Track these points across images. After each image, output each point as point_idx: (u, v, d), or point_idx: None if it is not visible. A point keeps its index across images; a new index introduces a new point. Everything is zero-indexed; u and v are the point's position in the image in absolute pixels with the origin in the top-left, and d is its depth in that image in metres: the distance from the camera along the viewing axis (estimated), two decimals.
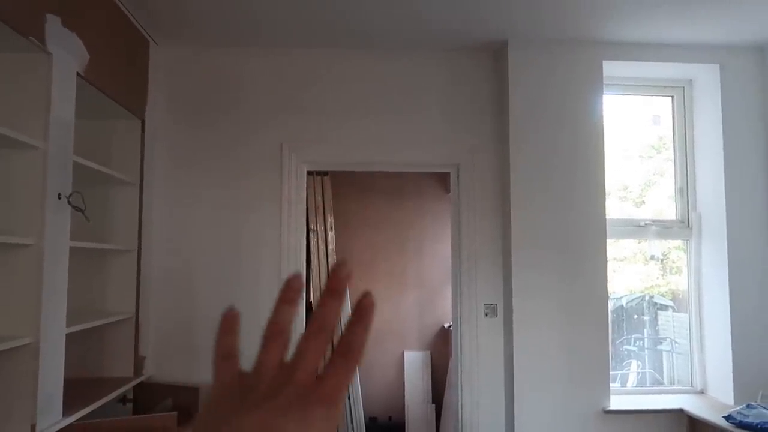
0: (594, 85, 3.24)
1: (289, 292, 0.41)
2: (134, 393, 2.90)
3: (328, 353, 0.38)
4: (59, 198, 2.12)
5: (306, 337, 0.39)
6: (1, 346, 1.84)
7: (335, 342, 0.39)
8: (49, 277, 2.05)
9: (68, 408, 2.19)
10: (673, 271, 3.88)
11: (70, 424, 2.19)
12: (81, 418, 2.27)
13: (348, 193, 5.25)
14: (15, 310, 1.99)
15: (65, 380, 2.21)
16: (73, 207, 2.21)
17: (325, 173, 3.98)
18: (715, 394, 3.30)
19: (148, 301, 3.06)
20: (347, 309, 1.03)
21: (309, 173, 3.44)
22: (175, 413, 2.46)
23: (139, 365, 2.95)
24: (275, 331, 0.40)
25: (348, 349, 0.38)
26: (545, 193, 3.18)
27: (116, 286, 2.89)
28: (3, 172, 2.03)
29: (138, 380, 2.87)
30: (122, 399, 2.80)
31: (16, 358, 1.97)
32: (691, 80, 3.53)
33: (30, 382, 1.98)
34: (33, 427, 1.98)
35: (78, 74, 2.30)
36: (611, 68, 3.31)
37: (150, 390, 2.95)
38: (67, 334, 2.22)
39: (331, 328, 0.39)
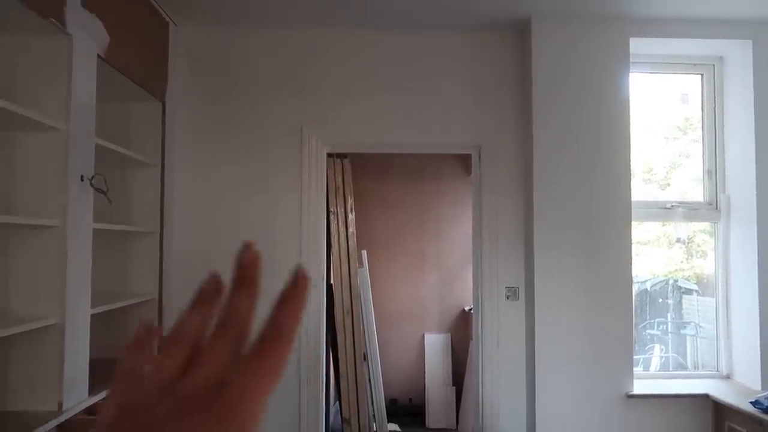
0: (620, 62, 3.15)
1: (202, 294, 0.35)
2: None
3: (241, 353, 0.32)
4: (82, 180, 2.14)
5: (213, 336, 0.32)
6: (28, 326, 1.87)
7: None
8: (73, 258, 2.07)
9: (94, 387, 2.23)
10: (699, 255, 3.81)
11: (96, 403, 2.23)
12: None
13: (367, 175, 5.23)
14: (41, 291, 2.01)
15: (91, 360, 2.24)
16: (96, 189, 2.23)
17: (345, 155, 3.95)
18: (742, 379, 3.24)
19: (171, 282, 3.08)
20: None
21: (329, 155, 3.42)
22: None
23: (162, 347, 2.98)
24: (177, 334, 0.34)
25: (265, 345, 0.31)
26: (569, 173, 3.12)
27: (139, 267, 2.91)
28: (26, 155, 2.04)
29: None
30: None
31: (43, 338, 2.00)
32: (721, 57, 3.41)
33: (56, 362, 2.01)
34: (60, 405, 2.01)
35: (98, 56, 2.30)
36: (638, 45, 3.21)
37: None
38: (91, 315, 2.25)
39: (244, 323, 0.32)
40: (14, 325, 1.81)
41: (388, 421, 4.19)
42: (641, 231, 3.76)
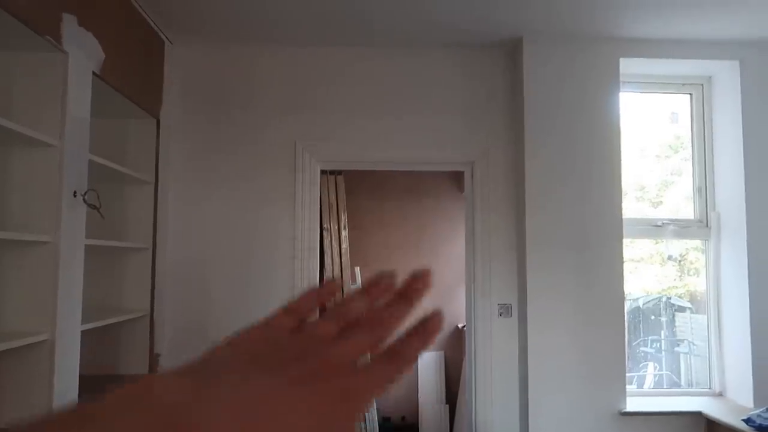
0: (611, 82, 3.20)
1: (373, 286, 0.38)
2: None
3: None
4: (75, 195, 2.14)
5: (360, 325, 0.35)
6: (18, 342, 1.86)
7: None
8: (65, 274, 2.07)
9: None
10: (691, 273, 3.82)
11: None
12: None
13: (361, 192, 5.25)
14: (31, 306, 2.01)
15: (80, 377, 2.23)
16: (89, 205, 2.23)
17: (339, 172, 3.97)
18: (734, 396, 3.24)
19: (163, 298, 3.07)
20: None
21: (323, 172, 3.44)
22: None
23: (154, 362, 2.97)
24: (339, 310, 0.36)
25: (398, 355, 0.34)
26: (561, 192, 3.15)
27: (131, 283, 2.91)
28: (20, 170, 2.05)
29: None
30: None
31: (33, 355, 1.99)
32: (710, 77, 3.47)
33: (46, 378, 2.00)
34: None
35: (94, 73, 2.32)
36: (628, 65, 3.26)
37: None
38: (82, 331, 2.24)
39: (388, 330, 0.35)
40: (5, 341, 1.80)
41: None
42: (634, 249, 3.78)
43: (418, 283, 0.38)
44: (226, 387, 0.29)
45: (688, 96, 3.54)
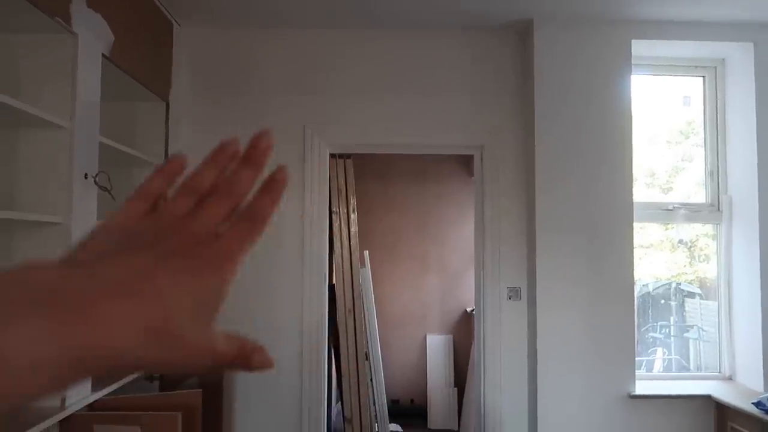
0: (622, 65, 3.16)
1: (218, 155, 0.39)
2: None
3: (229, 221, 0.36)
4: (86, 177, 2.15)
5: (212, 195, 0.36)
6: None
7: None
8: None
9: (97, 384, 2.24)
10: (701, 259, 3.80)
11: (99, 399, 2.24)
12: (109, 394, 2.31)
13: (370, 177, 5.24)
14: None
15: None
16: (100, 187, 2.24)
17: (348, 156, 3.97)
18: (744, 380, 3.23)
19: None
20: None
21: (331, 155, 3.44)
22: (200, 390, 2.50)
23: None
24: (190, 185, 0.37)
25: (252, 215, 0.36)
26: (571, 175, 3.13)
27: None
28: (31, 152, 2.06)
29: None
30: (149, 376, 2.85)
31: None
32: (723, 59, 3.42)
33: None
34: (63, 401, 2.02)
35: (103, 55, 2.32)
36: (640, 47, 3.22)
37: None
38: None
39: (240, 195, 0.37)
40: None
41: (390, 422, 4.19)
42: (644, 235, 3.76)
43: (261, 143, 0.38)
44: (98, 268, 0.30)
45: (701, 79, 3.50)
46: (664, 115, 3.73)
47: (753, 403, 2.77)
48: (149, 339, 0.29)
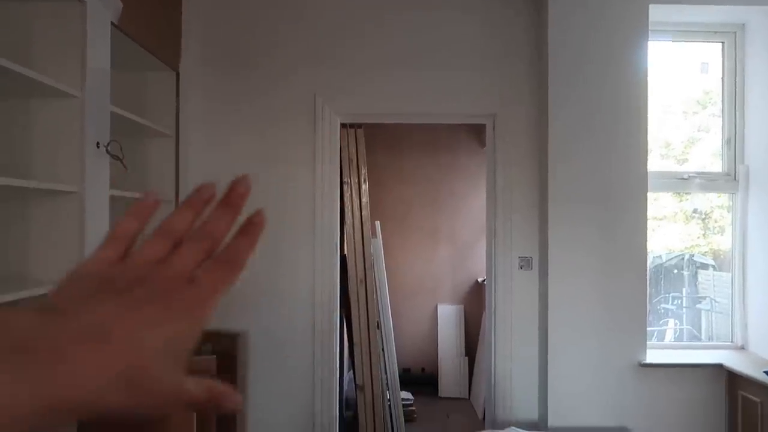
0: (639, 30, 3.09)
1: (195, 199, 0.38)
2: None
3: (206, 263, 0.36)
4: (98, 147, 2.16)
5: (188, 239, 0.36)
6: (46, 289, 1.90)
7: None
8: (91, 224, 2.11)
9: None
10: (715, 231, 3.77)
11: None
12: None
13: (381, 148, 5.22)
14: (58, 255, 2.05)
15: None
16: (112, 156, 2.25)
17: (359, 126, 3.94)
18: (756, 349, 3.23)
19: None
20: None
21: (342, 125, 3.41)
22: (214, 357, 2.54)
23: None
24: (166, 229, 0.37)
25: (228, 258, 0.36)
26: (584, 144, 3.09)
27: None
28: (43, 121, 2.07)
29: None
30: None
31: None
32: (743, 24, 3.33)
33: None
34: None
35: (112, 24, 2.30)
36: (658, 12, 3.14)
37: None
38: None
39: (217, 239, 0.37)
40: (34, 288, 1.85)
41: (401, 390, 4.24)
42: (658, 207, 3.72)
43: (239, 187, 0.38)
44: (71, 314, 0.31)
45: (720, 44, 3.42)
46: (681, 84, 3.65)
47: (765, 372, 2.77)
48: (120, 385, 0.30)
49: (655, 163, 3.40)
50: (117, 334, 0.31)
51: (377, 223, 4.37)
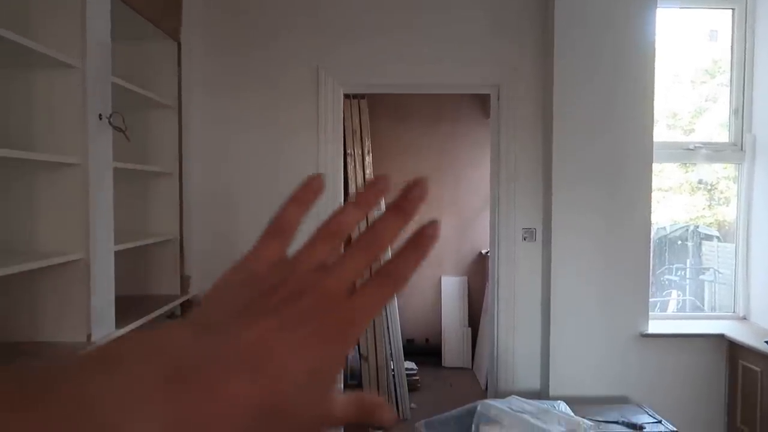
0: None
1: (368, 196, 0.36)
2: (181, 310, 3.03)
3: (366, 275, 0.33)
4: (100, 118, 2.15)
5: (353, 246, 0.33)
6: (54, 260, 1.92)
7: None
8: (95, 196, 2.11)
9: (120, 320, 2.31)
10: (721, 202, 3.75)
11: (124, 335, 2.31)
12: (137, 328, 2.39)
13: (384, 118, 5.18)
14: (65, 227, 2.06)
15: (116, 297, 2.31)
16: (114, 127, 2.24)
17: (362, 96, 3.91)
18: (758, 320, 3.25)
19: (191, 222, 3.13)
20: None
21: (345, 96, 3.38)
22: None
23: (185, 284, 3.06)
24: (332, 229, 0.35)
25: (393, 272, 0.32)
26: (590, 115, 3.06)
27: (160, 208, 2.96)
28: (44, 93, 2.05)
29: (184, 298, 2.99)
30: (170, 315, 2.93)
31: (69, 273, 2.06)
32: None
33: (83, 295, 2.08)
34: (89, 337, 2.09)
35: None
36: None
37: None
38: (115, 253, 2.30)
39: (383, 248, 0.33)
40: (41, 259, 1.86)
41: (405, 360, 4.29)
42: (663, 178, 3.70)
43: (414, 191, 0.34)
44: (225, 335, 0.29)
45: (730, 11, 3.35)
46: (690, 53, 3.60)
47: (766, 342, 2.79)
48: (260, 418, 0.28)
49: (661, 134, 3.37)
50: (269, 363, 0.29)
51: None
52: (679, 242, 4.04)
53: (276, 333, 0.29)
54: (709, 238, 3.97)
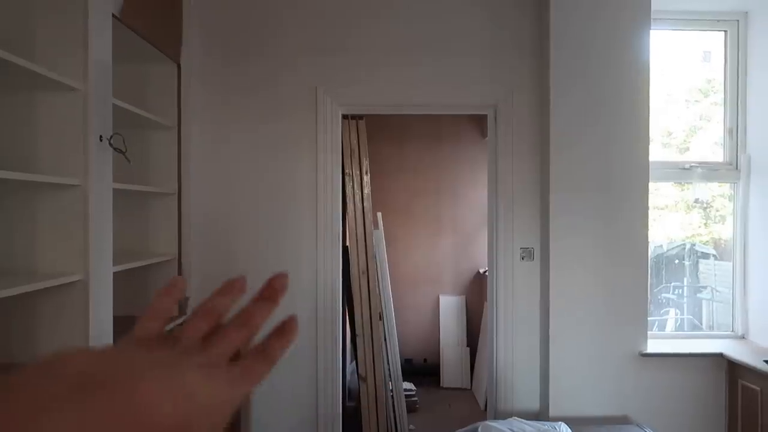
0: (641, 19, 3.08)
1: (229, 288, 0.41)
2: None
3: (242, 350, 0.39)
4: (101, 140, 2.16)
5: (230, 324, 0.39)
6: (53, 282, 1.92)
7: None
8: (95, 217, 2.12)
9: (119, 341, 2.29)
10: (717, 220, 3.77)
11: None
12: None
13: (383, 139, 5.21)
14: (64, 248, 2.06)
15: (114, 317, 2.30)
16: (115, 149, 2.25)
17: (361, 117, 3.94)
18: (757, 339, 3.25)
19: (190, 243, 3.13)
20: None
21: (344, 117, 3.41)
22: None
23: (183, 305, 3.05)
24: (207, 309, 0.40)
25: (264, 352, 0.39)
26: (586, 134, 3.09)
27: (159, 228, 2.96)
28: (46, 114, 2.07)
29: (183, 318, 2.98)
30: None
31: (68, 294, 2.05)
32: (746, 12, 3.32)
33: (82, 316, 2.07)
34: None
35: (114, 16, 2.30)
36: (660, 0, 3.13)
37: None
38: (114, 274, 2.30)
39: (255, 327, 0.40)
40: (40, 281, 1.86)
41: (404, 380, 4.27)
42: (659, 196, 3.73)
43: (276, 283, 0.41)
44: (137, 357, 0.35)
45: (723, 33, 3.41)
46: (683, 73, 3.64)
47: (765, 361, 2.79)
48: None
49: (656, 152, 3.40)
50: (182, 382, 0.33)
51: (379, 214, 4.38)
52: (676, 261, 4.04)
53: (189, 367, 0.35)
54: (705, 256, 3.98)
